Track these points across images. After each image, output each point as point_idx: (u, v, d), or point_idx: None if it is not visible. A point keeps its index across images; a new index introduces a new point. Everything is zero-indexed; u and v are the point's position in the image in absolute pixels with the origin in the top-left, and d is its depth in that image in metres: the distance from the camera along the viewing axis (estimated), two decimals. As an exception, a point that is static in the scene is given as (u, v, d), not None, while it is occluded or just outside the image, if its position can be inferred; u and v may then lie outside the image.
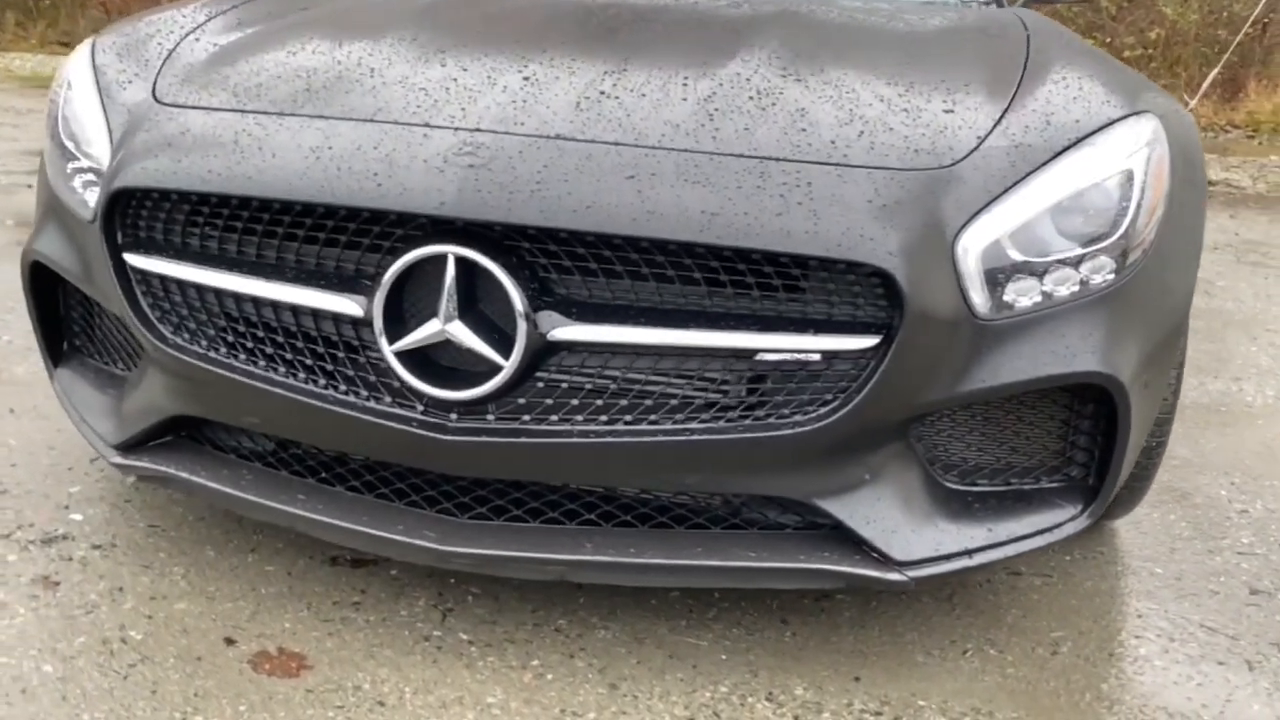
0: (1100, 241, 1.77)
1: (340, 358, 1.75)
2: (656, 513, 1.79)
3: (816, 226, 1.59)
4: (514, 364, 1.63)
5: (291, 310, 1.76)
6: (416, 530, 1.75)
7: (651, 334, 1.63)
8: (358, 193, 1.64)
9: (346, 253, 1.72)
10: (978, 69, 2.06)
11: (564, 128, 1.72)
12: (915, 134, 1.79)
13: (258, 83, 1.91)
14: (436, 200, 1.60)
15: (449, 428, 1.68)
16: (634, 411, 1.68)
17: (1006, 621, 2.06)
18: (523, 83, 1.84)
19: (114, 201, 1.81)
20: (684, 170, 1.65)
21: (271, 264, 1.76)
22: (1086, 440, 1.91)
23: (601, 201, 1.60)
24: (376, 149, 1.69)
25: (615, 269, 1.64)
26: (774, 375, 1.67)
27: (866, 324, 1.65)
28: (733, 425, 1.67)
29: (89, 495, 2.29)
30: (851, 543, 1.77)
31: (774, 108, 1.81)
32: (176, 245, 1.82)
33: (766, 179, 1.65)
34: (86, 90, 2.07)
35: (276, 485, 1.86)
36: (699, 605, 2.04)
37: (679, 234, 1.58)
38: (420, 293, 1.68)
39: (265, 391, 1.77)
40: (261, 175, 1.69)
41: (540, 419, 1.68)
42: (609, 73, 1.88)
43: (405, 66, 1.91)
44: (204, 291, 1.81)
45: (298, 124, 1.77)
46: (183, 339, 1.83)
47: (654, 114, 1.76)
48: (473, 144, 1.67)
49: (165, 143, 1.80)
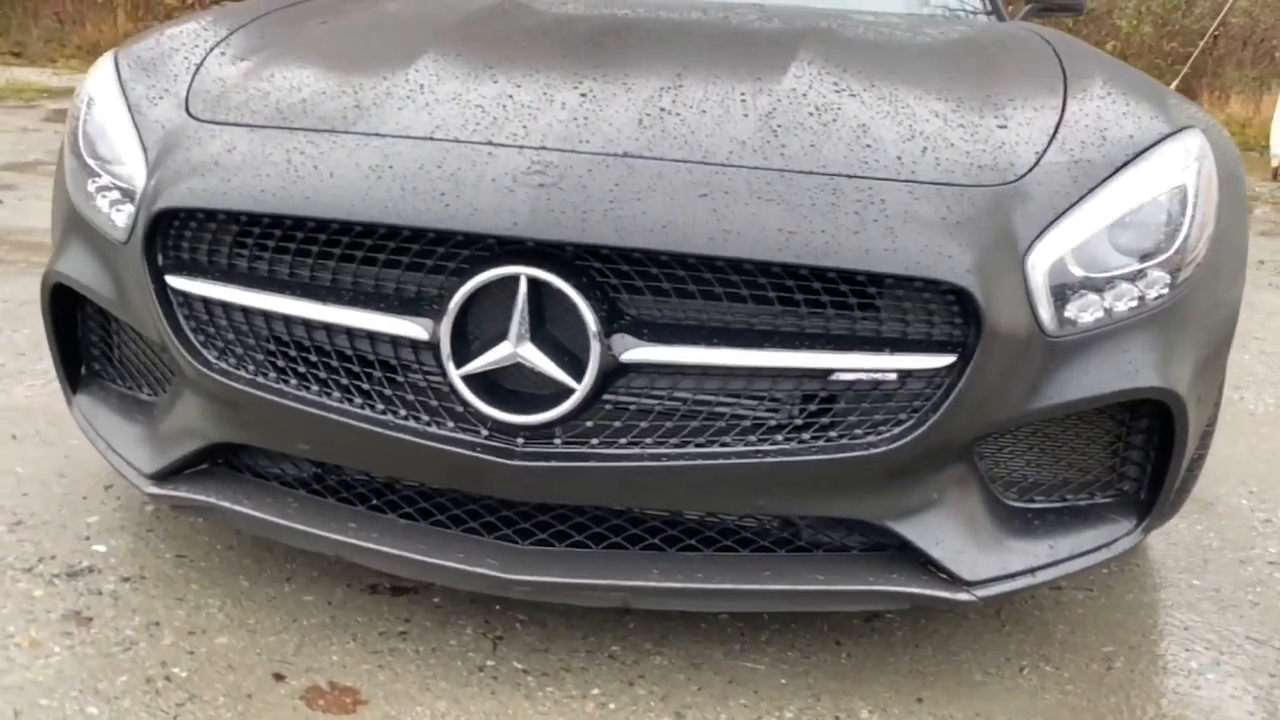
0: (1157, 256, 1.77)
1: (400, 381, 1.69)
2: (720, 536, 1.76)
3: (894, 244, 1.58)
4: (586, 387, 1.59)
5: (348, 333, 1.71)
6: (477, 558, 1.70)
7: (725, 355, 1.60)
8: (424, 213, 1.59)
9: (408, 274, 1.67)
10: (1018, 83, 2.06)
11: (630, 145, 1.69)
12: (976, 149, 1.78)
13: (301, 99, 1.86)
14: (509, 221, 1.56)
15: (515, 452, 1.64)
16: (705, 434, 1.65)
17: (1056, 638, 2.06)
18: (580, 99, 1.80)
19: (156, 222, 1.75)
20: (756, 188, 1.62)
21: (326, 286, 1.71)
22: (1139, 455, 1.91)
23: (677, 220, 1.57)
24: (440, 168, 1.64)
25: (688, 288, 1.61)
26: (847, 395, 1.65)
27: (941, 342, 1.63)
28: (805, 447, 1.64)
29: (109, 525, 2.21)
30: (917, 563, 1.76)
31: (835, 124, 1.79)
32: (223, 267, 1.76)
33: (839, 196, 1.63)
34: (113, 106, 2.00)
35: (324, 513, 1.80)
36: (749, 628, 2.01)
37: (757, 253, 1.55)
38: (485, 314, 1.63)
39: (318, 417, 1.71)
40: (320, 195, 1.64)
41: (609, 442, 1.64)
42: (665, 89, 1.85)
43: (456, 83, 1.87)
44: (252, 314, 1.75)
45: (353, 142, 1.72)
46: (228, 364, 1.77)
47: (718, 130, 1.74)
48: (541, 163, 1.63)
49: (211, 161, 1.74)
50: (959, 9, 3.32)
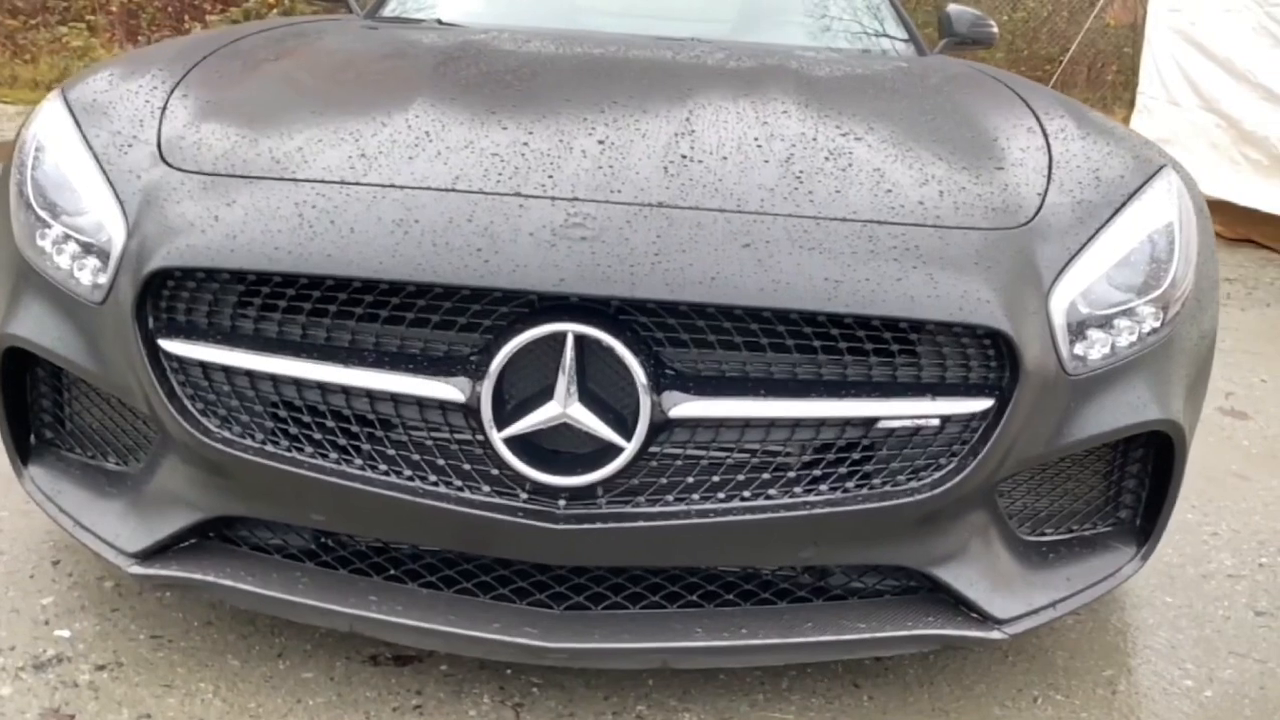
0: (1151, 292, 1.83)
1: (428, 445, 1.61)
2: (759, 589, 1.73)
3: (936, 291, 1.58)
4: (636, 445, 1.54)
5: (369, 396, 1.61)
6: (514, 627, 1.63)
7: (772, 406, 1.58)
8: (462, 270, 1.51)
9: (437, 333, 1.59)
10: (995, 124, 2.10)
11: (663, 195, 1.65)
12: (985, 191, 1.81)
13: (296, 147, 1.75)
14: (554, 277, 1.50)
15: (558, 515, 1.57)
16: (750, 486, 1.61)
17: (1058, 664, 2.09)
18: (599, 147, 1.75)
19: (148, 283, 1.62)
20: (795, 236, 1.61)
21: (344, 347, 1.61)
22: (1134, 483, 1.96)
23: (725, 272, 1.53)
24: (471, 222, 1.57)
25: (732, 340, 1.58)
26: (889, 442, 1.64)
27: (978, 386, 1.64)
28: (850, 496, 1.63)
29: (68, 606, 2.03)
30: (948, 604, 1.76)
31: (851, 169, 1.79)
32: (224, 329, 1.64)
33: (876, 243, 1.62)
34: (72, 153, 1.85)
35: (339, 586, 1.69)
36: (769, 676, 1.98)
37: (806, 303, 1.53)
38: (522, 373, 1.57)
39: (335, 485, 1.61)
40: (343, 253, 1.54)
41: (654, 500, 1.60)
42: (679, 135, 1.82)
43: (463, 130, 1.79)
44: (258, 379, 1.64)
45: (368, 194, 1.63)
46: (231, 432, 1.65)
47: (744, 178, 1.71)
48: (579, 215, 1.58)
49: (209, 216, 1.62)
50: (881, 44, 3.40)
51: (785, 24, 3.50)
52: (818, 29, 3.47)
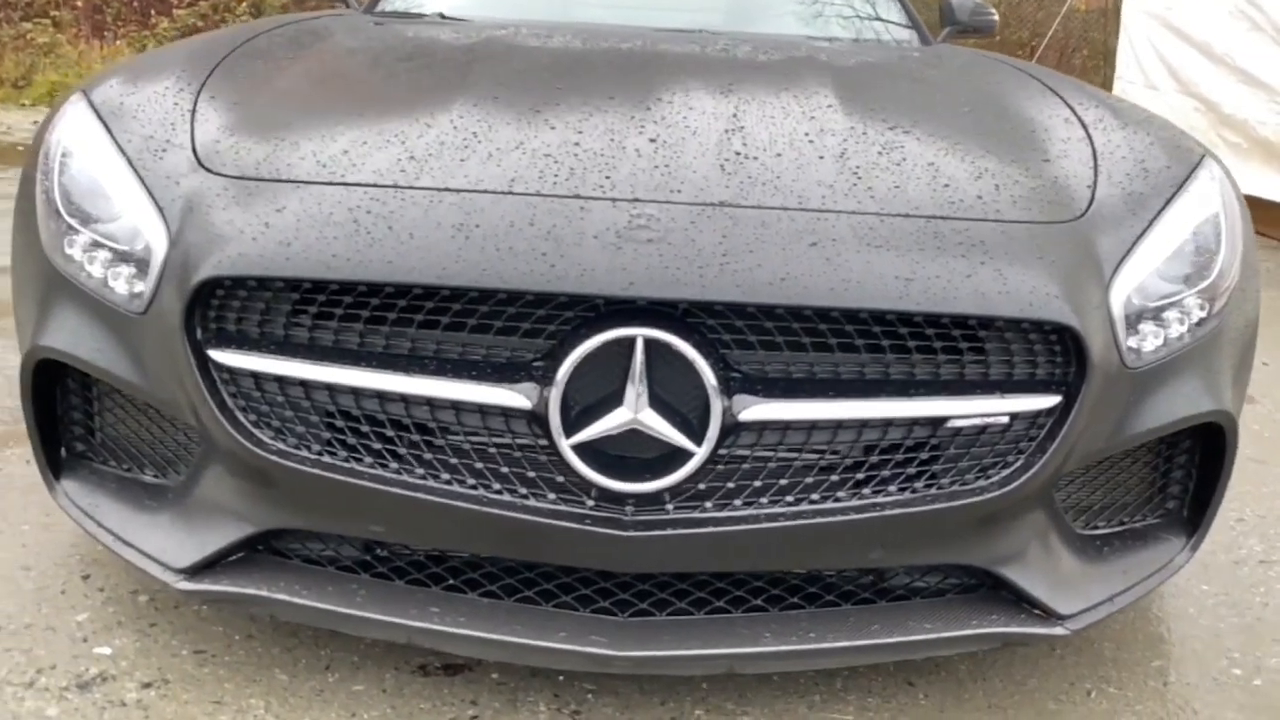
0: (1200, 283, 1.82)
1: (492, 453, 1.57)
2: (823, 591, 1.71)
3: (1006, 287, 1.56)
4: (707, 449, 1.51)
5: (429, 404, 1.57)
6: (581, 636, 1.60)
7: (842, 407, 1.56)
8: (528, 275, 1.48)
9: (499, 338, 1.55)
10: (1031, 115, 2.09)
11: (723, 194, 1.62)
12: (1037, 184, 1.80)
13: (341, 150, 1.71)
14: (623, 281, 1.47)
15: (625, 522, 1.55)
16: (818, 489, 1.59)
17: (1106, 656, 2.09)
18: (651, 145, 1.72)
19: (197, 293, 1.57)
20: (861, 234, 1.58)
21: (404, 355, 1.57)
22: (1181, 474, 1.96)
23: (795, 272, 1.51)
24: (533, 226, 1.53)
25: (800, 341, 1.55)
26: (957, 441, 1.62)
27: (1045, 382, 1.62)
28: (919, 496, 1.61)
29: (104, 622, 1.98)
30: (1010, 601, 1.75)
31: (906, 163, 1.77)
32: (277, 339, 1.60)
33: (941, 239, 1.60)
34: (103, 158, 1.80)
35: (398, 598, 1.66)
36: (823, 676, 1.96)
37: (878, 302, 1.51)
38: (588, 379, 1.53)
39: (396, 496, 1.58)
40: (404, 259, 1.50)
41: (722, 504, 1.57)
42: (729, 131, 1.79)
43: (511, 129, 1.76)
44: (314, 388, 1.60)
45: (424, 198, 1.59)
46: (286, 443, 1.61)
47: (801, 174, 1.69)
48: (642, 216, 1.55)
49: (259, 223, 1.58)
50: (882, 33, 3.38)
51: (781, 14, 3.47)
52: (811, 16, 3.45)
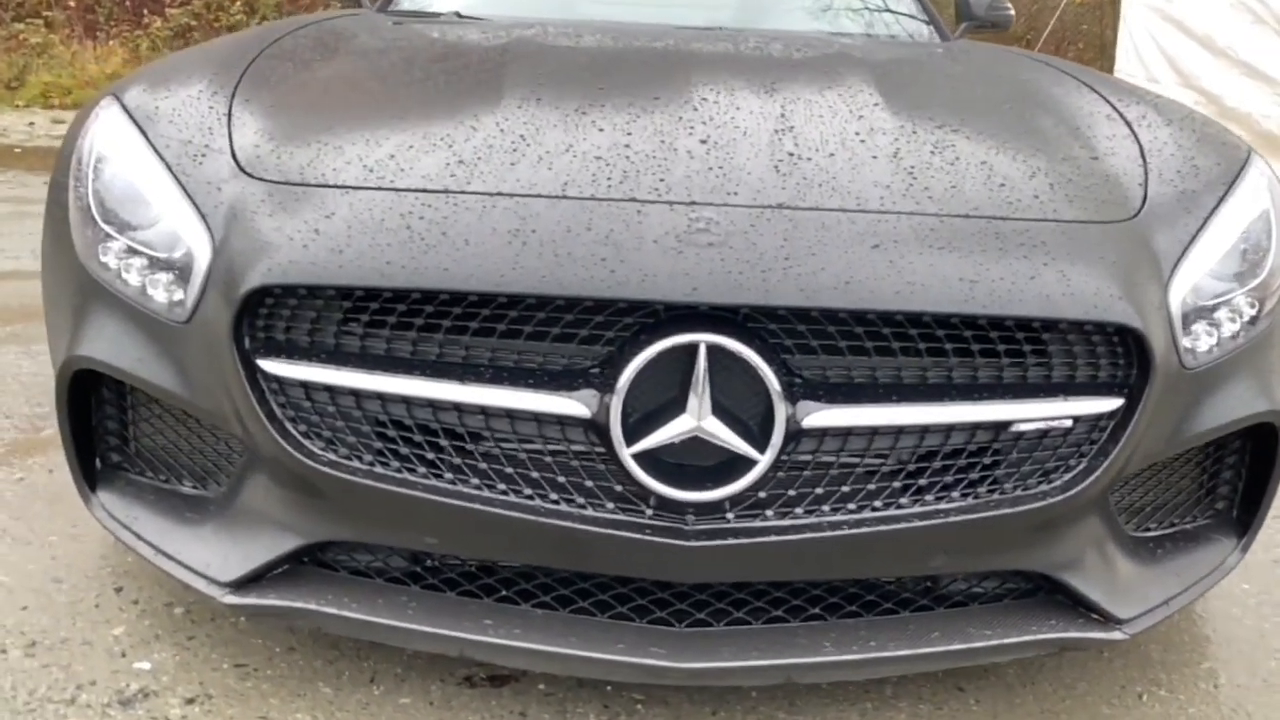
0: (1252, 281, 1.80)
1: (549, 462, 1.54)
2: (881, 599, 1.68)
3: (1070, 288, 1.54)
4: (770, 457, 1.49)
5: (484, 413, 1.54)
6: (639, 647, 1.57)
7: (906, 412, 1.53)
8: (588, 282, 1.45)
9: (556, 345, 1.52)
10: (1071, 112, 2.07)
11: (781, 195, 1.59)
12: (1090, 183, 1.77)
13: (388, 154, 1.68)
14: (686, 286, 1.44)
15: (687, 531, 1.52)
16: (881, 496, 1.57)
17: (1154, 659, 2.07)
18: (702, 146, 1.69)
19: (247, 302, 1.54)
20: (922, 236, 1.56)
21: (458, 363, 1.54)
22: (1230, 474, 1.94)
23: (859, 275, 1.48)
24: (590, 230, 1.50)
25: (863, 345, 1.53)
26: (1019, 445, 1.60)
27: (1108, 385, 1.60)
28: (983, 502, 1.58)
29: (141, 636, 1.95)
30: (1067, 606, 1.73)
31: (959, 162, 1.75)
32: (328, 347, 1.56)
33: (1003, 240, 1.58)
34: (140, 163, 1.76)
35: (450, 610, 1.63)
36: (871, 683, 1.93)
37: (943, 305, 1.49)
38: (647, 386, 1.50)
39: (451, 507, 1.55)
40: (461, 266, 1.47)
41: (783, 513, 1.54)
42: (779, 131, 1.77)
43: (558, 133, 1.73)
44: (365, 398, 1.56)
45: (477, 203, 1.56)
46: (337, 454, 1.58)
47: (856, 175, 1.66)
48: (701, 220, 1.52)
49: (309, 230, 1.54)
50: (897, 29, 3.36)
51: (795, 9, 3.45)
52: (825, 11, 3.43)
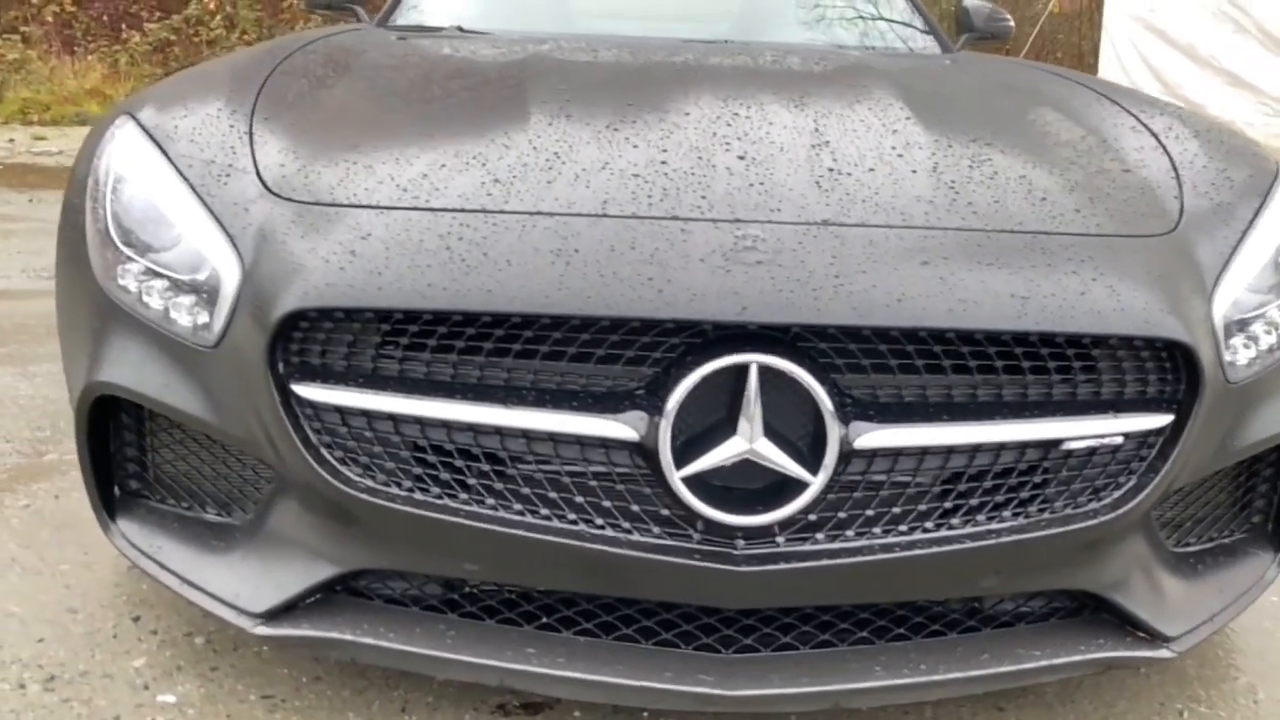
0: None
1: (593, 487, 1.51)
2: (929, 620, 1.65)
3: (1120, 304, 1.52)
4: (823, 479, 1.46)
5: (526, 437, 1.51)
6: (687, 675, 1.53)
7: (959, 431, 1.50)
8: (635, 302, 1.42)
9: (600, 367, 1.49)
10: (1090, 122, 2.07)
11: (825, 212, 1.56)
12: (1128, 196, 1.76)
13: (420, 173, 1.64)
14: (736, 305, 1.41)
15: (737, 556, 1.48)
16: (932, 517, 1.54)
17: (1190, 674, 2.05)
18: (740, 162, 1.67)
19: (282, 325, 1.50)
20: (970, 252, 1.54)
21: (499, 386, 1.50)
22: (1265, 487, 1.93)
23: (911, 293, 1.46)
24: (634, 249, 1.47)
25: (913, 363, 1.50)
26: (1069, 463, 1.57)
27: (1156, 400, 1.58)
28: (1033, 522, 1.56)
29: (163, 667, 1.90)
30: (1114, 625, 1.71)
31: (998, 176, 1.73)
32: (365, 371, 1.53)
33: (1050, 255, 1.56)
34: (162, 183, 1.72)
35: (490, 639, 1.59)
36: (911, 704, 1.90)
37: (996, 322, 1.46)
38: (695, 408, 1.47)
39: (492, 533, 1.51)
40: (504, 287, 1.44)
41: (834, 536, 1.51)
42: (815, 146, 1.74)
43: (592, 149, 1.70)
44: (404, 423, 1.52)
45: (516, 223, 1.52)
46: (375, 481, 1.53)
47: (898, 190, 1.64)
48: (747, 237, 1.49)
49: (344, 251, 1.51)
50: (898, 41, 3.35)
51: (799, 22, 3.44)
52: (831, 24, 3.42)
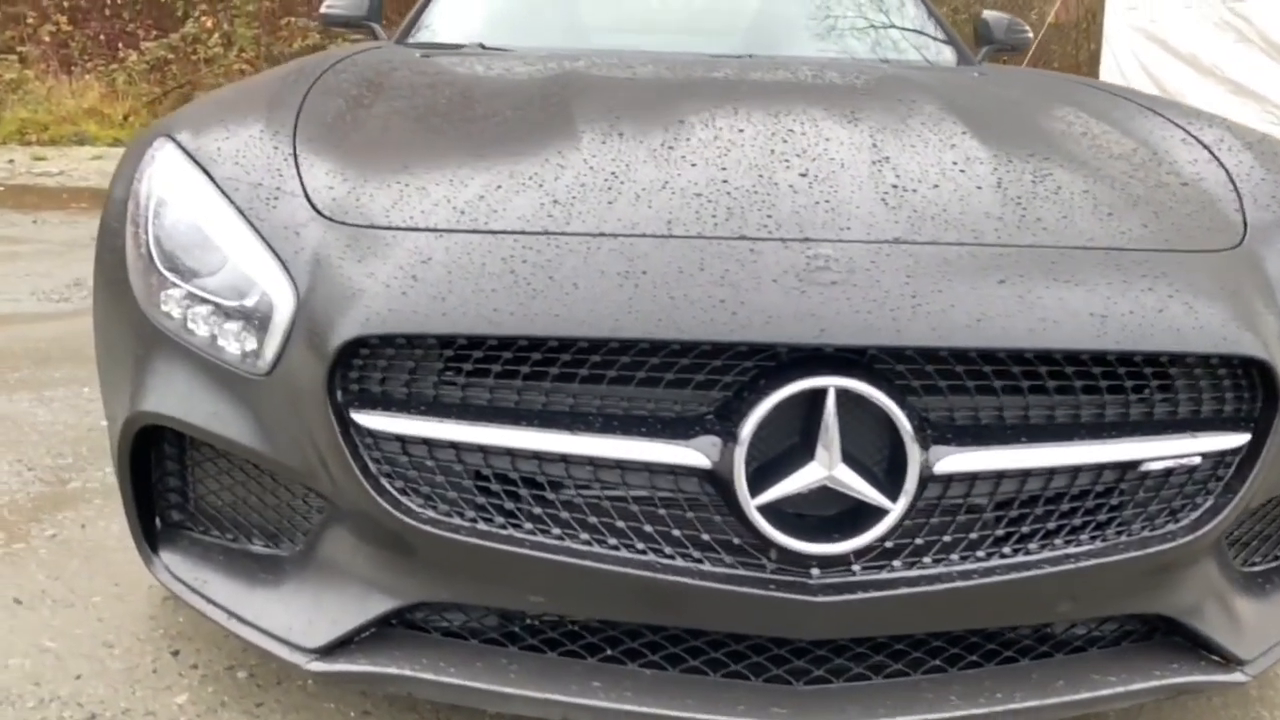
0: None
1: (662, 515, 1.46)
2: (1002, 646, 1.61)
3: (1198, 321, 1.48)
4: (903, 505, 1.42)
5: (593, 464, 1.47)
6: (761, 708, 1.49)
7: (1039, 453, 1.47)
8: (708, 325, 1.38)
9: (669, 392, 1.45)
10: (1140, 135, 2.04)
11: (894, 230, 1.53)
12: (1190, 210, 1.73)
13: (475, 194, 1.60)
14: (814, 328, 1.37)
15: (813, 586, 1.44)
16: (1009, 542, 1.50)
17: (1252, 696, 2.01)
18: (802, 179, 1.63)
19: (342, 352, 1.45)
20: (1045, 269, 1.50)
21: (566, 412, 1.46)
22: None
23: (990, 312, 1.42)
24: (704, 270, 1.44)
25: (990, 385, 1.46)
26: (1145, 484, 1.54)
27: (1233, 419, 1.55)
28: (1110, 545, 1.52)
29: (207, 704, 1.85)
30: (1186, 648, 1.67)
31: (1062, 191, 1.69)
32: (427, 399, 1.48)
33: (1125, 272, 1.52)
34: (207, 206, 1.67)
35: (554, 672, 1.54)
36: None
37: (1077, 342, 1.42)
38: (767, 432, 1.43)
39: (559, 564, 1.46)
40: (572, 311, 1.40)
41: (910, 563, 1.47)
42: (876, 162, 1.71)
43: (650, 168, 1.66)
44: (467, 451, 1.48)
45: (580, 245, 1.48)
46: (437, 511, 1.49)
47: (965, 206, 1.61)
48: (820, 257, 1.45)
49: (405, 276, 1.46)
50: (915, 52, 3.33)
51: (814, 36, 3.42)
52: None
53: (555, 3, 3.57)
